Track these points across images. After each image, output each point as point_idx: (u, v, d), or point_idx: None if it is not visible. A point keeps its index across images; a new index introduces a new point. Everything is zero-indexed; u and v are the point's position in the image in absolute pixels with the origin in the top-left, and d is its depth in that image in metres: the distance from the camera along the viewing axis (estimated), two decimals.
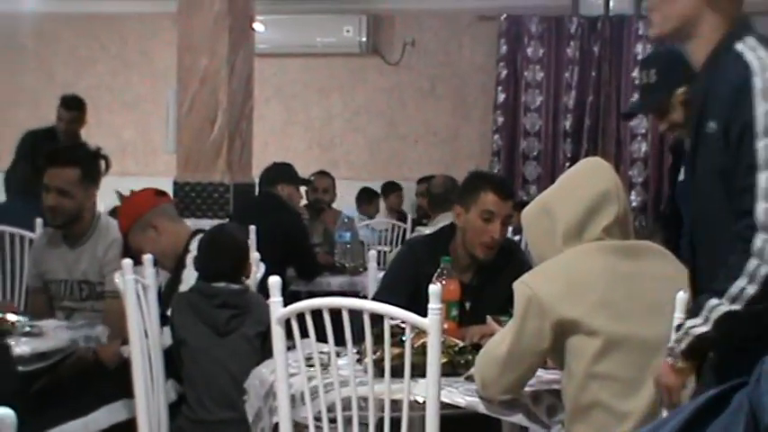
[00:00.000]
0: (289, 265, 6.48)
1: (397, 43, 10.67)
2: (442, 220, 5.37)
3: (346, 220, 7.09)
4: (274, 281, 2.89)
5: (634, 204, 9.94)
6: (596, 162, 2.95)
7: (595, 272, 2.73)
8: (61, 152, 4.56)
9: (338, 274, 6.81)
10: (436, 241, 3.97)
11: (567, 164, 10.13)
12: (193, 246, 4.06)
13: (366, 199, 9.49)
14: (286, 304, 2.89)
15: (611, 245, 2.80)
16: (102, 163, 4.54)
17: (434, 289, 2.68)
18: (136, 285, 3.52)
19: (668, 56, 3.67)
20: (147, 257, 3.76)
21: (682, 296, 2.60)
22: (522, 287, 2.75)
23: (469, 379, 2.97)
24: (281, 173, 6.75)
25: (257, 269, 4.34)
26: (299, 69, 10.91)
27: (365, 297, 5.25)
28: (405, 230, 8.44)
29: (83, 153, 4.51)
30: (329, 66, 10.82)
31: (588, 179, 2.87)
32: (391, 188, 10.00)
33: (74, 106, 8.23)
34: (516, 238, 6.70)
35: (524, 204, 11.59)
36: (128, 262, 3.57)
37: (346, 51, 10.59)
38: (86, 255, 4.50)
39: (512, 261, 3.86)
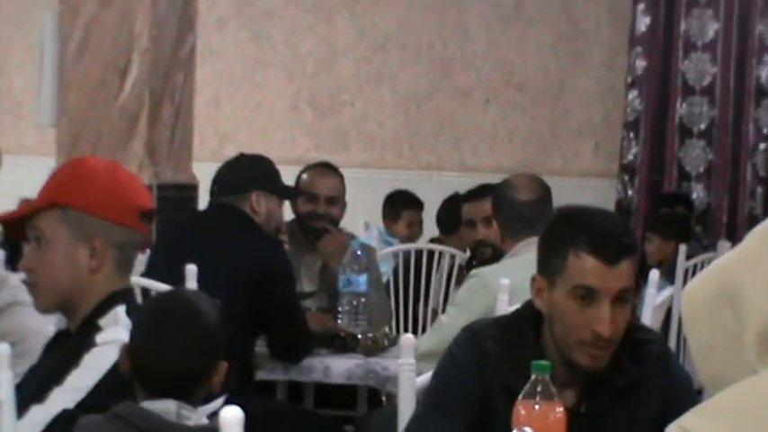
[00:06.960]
0: (259, 332, 5.02)
1: None
2: (527, 250, 3.95)
3: (359, 252, 5.38)
4: (233, 417, 2.24)
5: None
6: None
7: None
8: None
9: (344, 352, 5.09)
10: (517, 331, 2.83)
11: (763, 145, 7.63)
12: (105, 318, 3.04)
13: (391, 211, 7.37)
14: (250, 404, 2.36)
15: None
16: None
17: None
18: None
19: None
20: None
21: None
22: None
23: None
24: (252, 173, 5.30)
25: None
26: None
27: (390, 397, 4.56)
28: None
29: None
30: None
31: None
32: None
33: None
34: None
35: (668, 220, 8.73)
36: None
37: None
38: None
39: (653, 376, 2.81)
